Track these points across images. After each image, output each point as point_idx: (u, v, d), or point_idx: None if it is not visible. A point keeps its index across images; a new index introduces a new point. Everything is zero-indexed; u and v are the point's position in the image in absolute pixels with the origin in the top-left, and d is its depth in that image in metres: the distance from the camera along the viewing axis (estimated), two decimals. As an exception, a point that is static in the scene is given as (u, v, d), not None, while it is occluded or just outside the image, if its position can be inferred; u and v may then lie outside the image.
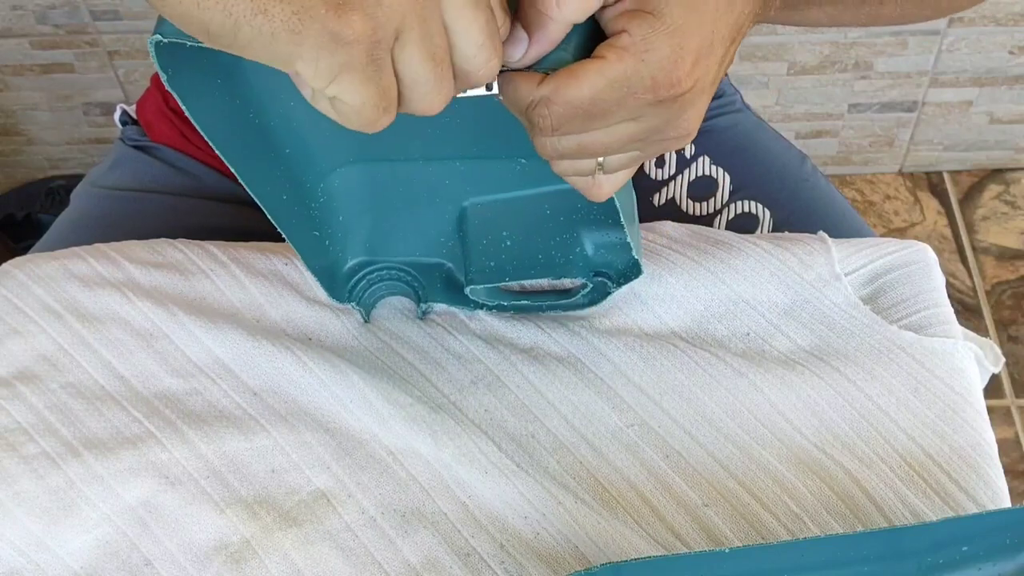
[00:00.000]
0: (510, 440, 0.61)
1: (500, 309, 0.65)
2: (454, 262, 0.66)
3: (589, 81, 0.44)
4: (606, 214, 0.63)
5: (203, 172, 0.81)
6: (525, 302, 0.65)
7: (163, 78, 0.48)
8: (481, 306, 0.65)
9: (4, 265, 0.67)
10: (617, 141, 0.47)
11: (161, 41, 0.46)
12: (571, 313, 0.66)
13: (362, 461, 0.60)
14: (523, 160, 0.62)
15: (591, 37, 0.46)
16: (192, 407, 0.61)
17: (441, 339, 0.65)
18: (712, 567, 0.53)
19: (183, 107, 0.50)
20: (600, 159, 0.49)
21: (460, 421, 0.61)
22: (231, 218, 0.76)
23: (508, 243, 0.64)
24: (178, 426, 0.60)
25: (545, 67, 0.46)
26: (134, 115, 0.87)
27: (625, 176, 0.52)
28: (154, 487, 0.58)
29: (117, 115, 0.88)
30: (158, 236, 0.69)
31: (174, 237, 0.69)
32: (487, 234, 0.64)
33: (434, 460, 0.60)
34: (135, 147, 0.84)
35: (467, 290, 0.64)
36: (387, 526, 0.58)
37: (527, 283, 0.66)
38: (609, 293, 0.65)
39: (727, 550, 0.53)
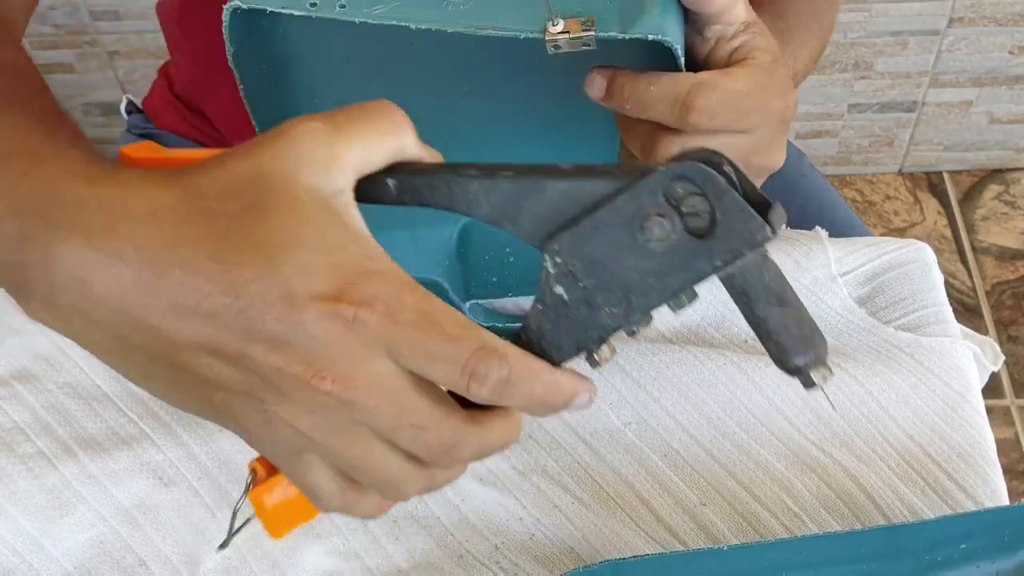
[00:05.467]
0: (508, 439, 0.61)
1: (495, 331, 0.65)
2: (450, 281, 0.65)
3: (744, 75, 0.49)
4: None
5: None
6: (520, 324, 0.65)
7: (229, 52, 0.49)
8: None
9: (2, 264, 0.67)
10: (738, 159, 0.50)
11: (240, 8, 0.46)
12: None
13: (355, 464, 0.60)
14: None
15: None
16: (187, 406, 0.61)
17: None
18: (710, 565, 0.53)
19: (240, 86, 0.51)
20: None
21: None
22: None
23: (511, 259, 0.64)
24: (171, 427, 0.60)
25: (643, 32, 0.47)
26: (139, 105, 0.88)
27: None
28: (148, 487, 0.58)
29: (123, 105, 0.88)
30: None
31: None
32: (490, 249, 0.64)
33: (429, 461, 0.60)
34: (140, 135, 0.85)
35: (466, 306, 0.63)
36: (378, 531, 0.58)
37: (527, 305, 0.65)
38: None
39: (725, 548, 0.53)
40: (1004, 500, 0.60)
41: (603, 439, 0.61)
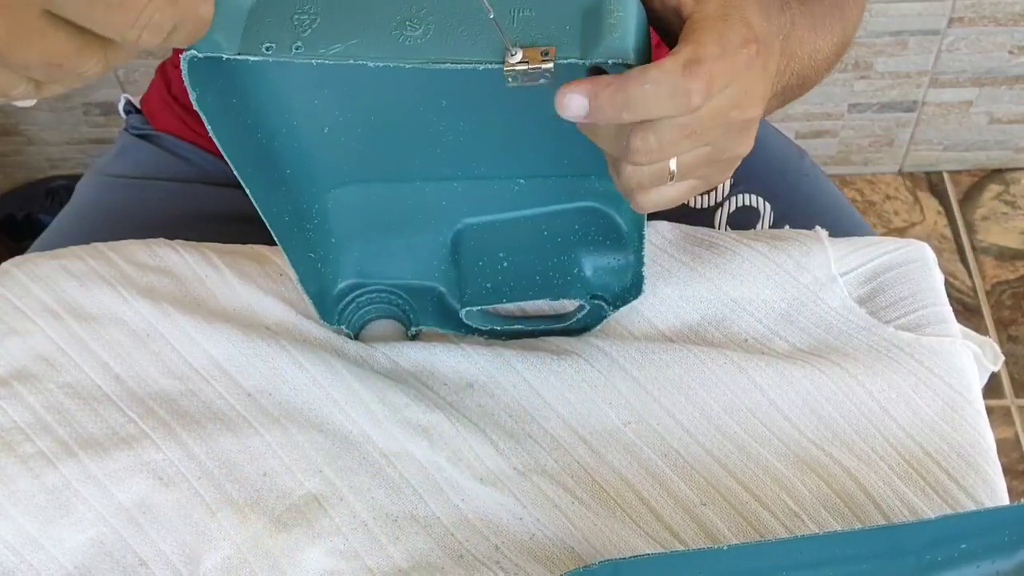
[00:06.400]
0: (508, 439, 0.61)
1: (493, 335, 0.65)
2: (447, 286, 0.65)
3: (711, 38, 0.46)
4: (605, 235, 0.63)
5: (203, 158, 0.82)
6: (519, 327, 0.65)
7: (192, 96, 0.48)
8: (474, 331, 0.65)
9: (4, 264, 0.67)
10: (718, 118, 0.48)
11: (196, 56, 0.46)
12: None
13: (354, 464, 0.60)
14: (521, 180, 0.62)
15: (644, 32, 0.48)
16: (186, 408, 0.61)
17: (435, 340, 0.65)
18: (710, 564, 0.53)
19: (208, 127, 0.50)
20: (673, 167, 0.49)
21: (456, 422, 0.61)
22: (230, 201, 0.76)
23: (505, 264, 0.63)
24: (172, 427, 0.60)
25: (604, 57, 0.46)
26: (138, 105, 0.88)
27: (688, 190, 0.52)
28: (148, 487, 0.58)
29: (121, 104, 0.89)
30: (159, 222, 0.69)
31: (175, 222, 0.69)
32: (484, 255, 0.64)
33: (428, 462, 0.60)
34: (138, 135, 0.85)
35: (462, 313, 0.63)
36: (378, 531, 0.58)
37: (526, 306, 0.65)
38: (604, 316, 0.64)
39: (725, 547, 0.53)
40: (1004, 500, 0.60)
41: (603, 439, 0.61)
